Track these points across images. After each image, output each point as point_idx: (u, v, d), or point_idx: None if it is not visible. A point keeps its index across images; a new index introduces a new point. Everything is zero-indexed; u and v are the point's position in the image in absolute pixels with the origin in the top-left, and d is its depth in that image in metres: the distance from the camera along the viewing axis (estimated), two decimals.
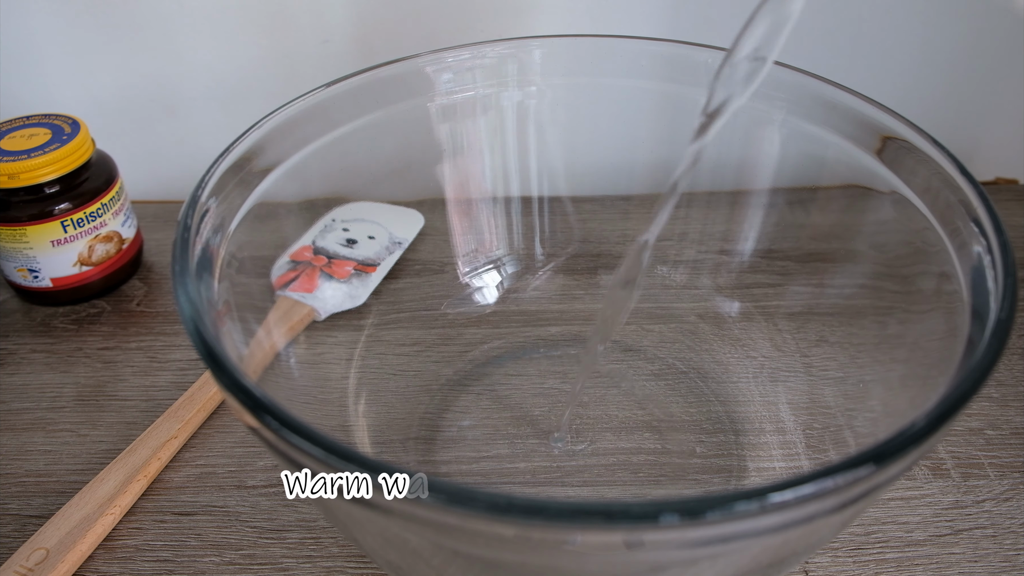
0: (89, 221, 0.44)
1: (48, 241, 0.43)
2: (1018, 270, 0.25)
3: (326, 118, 0.36)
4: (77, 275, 0.45)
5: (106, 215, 0.45)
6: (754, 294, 0.42)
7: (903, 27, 0.52)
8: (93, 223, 0.44)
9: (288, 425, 0.20)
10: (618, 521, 0.18)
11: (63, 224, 0.43)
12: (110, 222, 0.45)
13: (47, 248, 0.44)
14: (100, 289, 0.47)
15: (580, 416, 0.39)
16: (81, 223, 0.44)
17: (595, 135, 0.44)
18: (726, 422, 0.38)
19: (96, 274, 0.46)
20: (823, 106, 0.35)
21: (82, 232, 0.44)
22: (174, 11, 0.51)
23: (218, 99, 0.55)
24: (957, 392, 0.21)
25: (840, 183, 0.36)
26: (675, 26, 0.52)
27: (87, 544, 0.33)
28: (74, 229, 0.44)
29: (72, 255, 0.45)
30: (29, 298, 0.47)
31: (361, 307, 0.43)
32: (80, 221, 0.44)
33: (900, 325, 0.33)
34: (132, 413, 0.40)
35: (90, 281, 0.46)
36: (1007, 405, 0.39)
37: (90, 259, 0.45)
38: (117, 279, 0.48)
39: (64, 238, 0.44)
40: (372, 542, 0.26)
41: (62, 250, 0.44)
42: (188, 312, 0.24)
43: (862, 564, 0.33)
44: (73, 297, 0.46)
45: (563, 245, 0.46)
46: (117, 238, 0.46)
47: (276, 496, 0.36)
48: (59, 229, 0.43)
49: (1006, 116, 0.56)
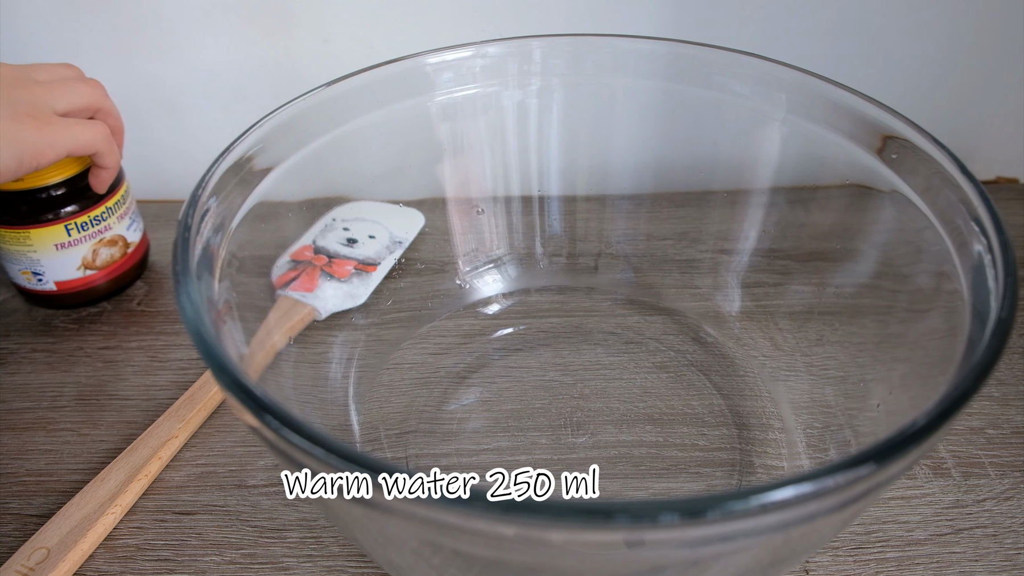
0: (93, 225, 0.44)
1: (52, 244, 0.43)
2: (1018, 269, 0.25)
3: (326, 118, 0.36)
4: (81, 279, 0.45)
5: (111, 219, 0.45)
6: (755, 293, 0.42)
7: (903, 26, 0.52)
8: (97, 227, 0.44)
9: (289, 424, 0.20)
10: (618, 520, 0.18)
11: (67, 227, 0.43)
12: (115, 226, 0.45)
13: (51, 251, 0.43)
14: (105, 292, 0.47)
15: (581, 408, 0.39)
16: (85, 227, 0.44)
17: (595, 135, 0.44)
18: (728, 416, 0.38)
19: (100, 277, 0.46)
20: (824, 105, 0.35)
21: (86, 236, 0.44)
22: (174, 11, 0.51)
23: (218, 99, 0.55)
24: (958, 391, 0.21)
25: (840, 182, 0.36)
26: (676, 26, 0.52)
27: (88, 543, 0.33)
28: (78, 233, 0.44)
29: (76, 259, 0.44)
30: (34, 301, 0.47)
31: (361, 306, 0.43)
32: (84, 225, 0.44)
33: (901, 324, 0.33)
34: (133, 412, 0.40)
35: (94, 284, 0.46)
36: (1008, 404, 0.39)
37: (94, 263, 0.45)
38: (122, 282, 0.47)
39: (68, 241, 0.44)
40: (372, 541, 0.26)
41: (66, 253, 0.44)
42: (189, 312, 0.24)
43: (863, 563, 0.33)
44: (77, 300, 0.46)
45: (563, 244, 0.46)
46: (122, 242, 0.46)
47: (277, 495, 0.36)
48: (63, 232, 0.43)
49: (1006, 115, 0.56)
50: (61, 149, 0.38)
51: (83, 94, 0.40)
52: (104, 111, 0.42)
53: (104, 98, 0.42)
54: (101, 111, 0.42)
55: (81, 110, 0.40)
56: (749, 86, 0.38)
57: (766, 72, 0.37)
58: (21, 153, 0.36)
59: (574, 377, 0.41)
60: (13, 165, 0.36)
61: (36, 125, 0.37)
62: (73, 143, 0.38)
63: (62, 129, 0.38)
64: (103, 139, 0.40)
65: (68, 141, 0.38)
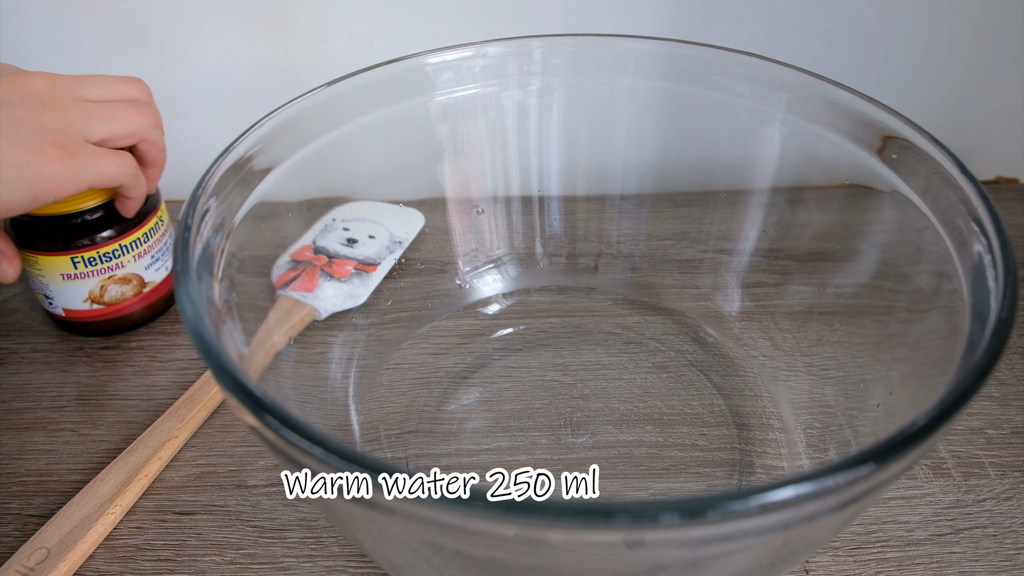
0: (102, 261, 0.42)
1: (59, 274, 0.42)
2: (1018, 269, 0.25)
3: (326, 118, 0.36)
4: (89, 311, 0.43)
5: (125, 256, 0.43)
6: (755, 293, 0.42)
7: (903, 26, 0.52)
8: (107, 263, 0.42)
9: (289, 424, 0.20)
10: (618, 520, 0.18)
11: (73, 260, 0.41)
12: (129, 264, 0.43)
13: (58, 280, 0.42)
14: (114, 328, 0.45)
15: (581, 408, 0.39)
16: (92, 262, 0.42)
17: (595, 135, 0.44)
18: (727, 416, 0.38)
19: (109, 313, 0.44)
20: (824, 105, 0.35)
21: (94, 271, 0.42)
22: (174, 11, 0.51)
23: (218, 99, 0.55)
24: (958, 391, 0.21)
25: (840, 182, 0.36)
26: (676, 26, 0.52)
27: (88, 543, 0.33)
28: (85, 267, 0.42)
29: (83, 291, 0.43)
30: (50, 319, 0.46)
31: (361, 306, 0.43)
32: (91, 260, 0.42)
33: (901, 324, 0.33)
34: (133, 412, 0.40)
35: (103, 319, 0.44)
36: (1008, 404, 0.39)
37: (101, 298, 0.43)
38: (133, 320, 0.45)
39: (74, 274, 0.42)
40: (372, 541, 0.26)
41: (72, 284, 0.42)
42: (189, 312, 0.24)
43: (863, 563, 0.33)
44: (86, 331, 0.45)
45: (563, 244, 0.46)
46: (137, 281, 0.44)
47: (277, 495, 0.36)
48: (68, 264, 0.41)
49: (1006, 115, 0.56)
50: (82, 183, 0.35)
51: (129, 122, 0.38)
52: (149, 142, 0.39)
53: (151, 129, 0.39)
54: (147, 141, 0.39)
55: (120, 139, 0.38)
56: (749, 86, 0.38)
57: (766, 72, 0.37)
58: (36, 188, 0.34)
59: (574, 377, 0.41)
60: (26, 200, 0.34)
61: (60, 157, 0.34)
62: (96, 177, 0.36)
63: (86, 161, 0.35)
64: (128, 173, 0.38)
65: (90, 175, 0.35)
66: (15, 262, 0.39)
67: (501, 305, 0.45)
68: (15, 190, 0.33)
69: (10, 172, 0.33)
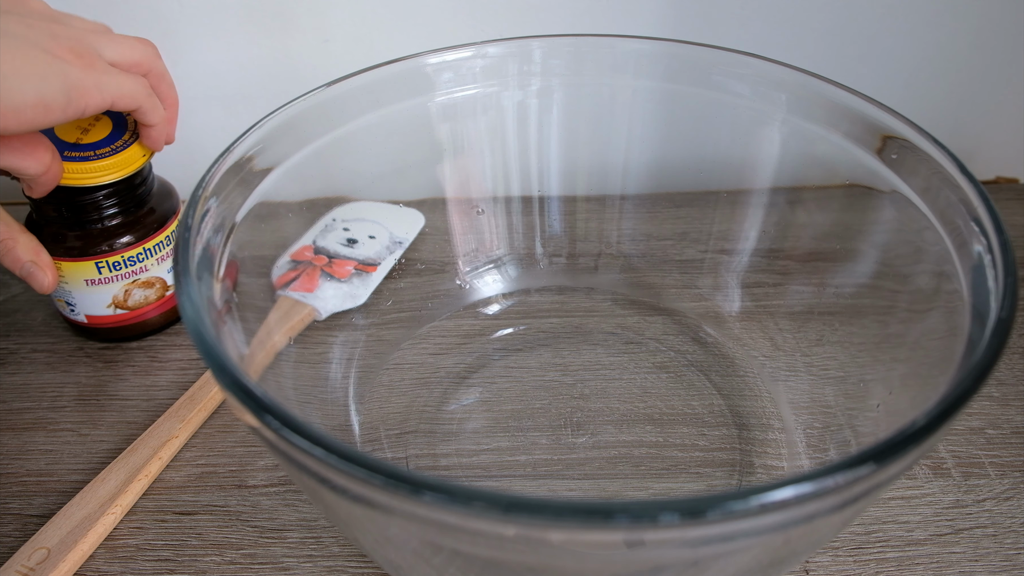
0: (127, 265, 0.42)
1: (83, 280, 0.41)
2: (1018, 269, 0.25)
3: (326, 118, 0.36)
4: (112, 316, 0.43)
5: (149, 260, 0.42)
6: (755, 293, 0.42)
7: (903, 26, 0.52)
8: (132, 267, 0.42)
9: (289, 425, 0.20)
10: (618, 520, 0.18)
11: (97, 265, 0.41)
12: (153, 268, 0.43)
13: (82, 286, 0.42)
14: (135, 333, 0.45)
15: (581, 408, 0.39)
16: (117, 266, 0.41)
17: (595, 135, 0.44)
18: (728, 416, 0.38)
19: (133, 318, 0.44)
20: (823, 105, 0.35)
21: (118, 275, 0.42)
22: (174, 11, 0.51)
23: (218, 99, 0.55)
24: (957, 391, 0.21)
25: (840, 182, 0.36)
26: (676, 26, 0.52)
27: (88, 543, 0.33)
28: (109, 271, 0.41)
29: (107, 296, 0.42)
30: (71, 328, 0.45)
31: (361, 307, 0.43)
32: (116, 264, 0.41)
33: (901, 324, 0.33)
34: (133, 413, 0.40)
35: (127, 324, 0.44)
36: (1008, 404, 0.39)
37: (125, 303, 0.43)
38: (152, 326, 0.45)
39: (98, 279, 0.42)
40: (372, 542, 0.26)
41: (96, 290, 0.42)
42: (189, 312, 0.24)
43: (863, 563, 0.33)
44: (109, 336, 0.44)
45: (563, 244, 0.46)
46: (160, 284, 0.44)
47: (277, 495, 0.36)
48: (93, 269, 0.41)
49: (1006, 115, 0.56)
50: (107, 95, 0.33)
51: (134, 48, 0.36)
52: (156, 74, 0.38)
53: (156, 59, 0.38)
54: (153, 73, 0.37)
55: (130, 66, 0.36)
56: (749, 86, 0.38)
57: (766, 72, 0.37)
58: (69, 88, 0.32)
59: (574, 377, 0.41)
60: (62, 100, 0.31)
61: (81, 63, 0.32)
62: (117, 90, 0.34)
63: (105, 72, 0.33)
64: (145, 93, 0.36)
65: (113, 87, 0.34)
66: (51, 272, 0.39)
67: (501, 305, 0.45)
68: (51, 86, 0.31)
69: (42, 67, 0.31)
